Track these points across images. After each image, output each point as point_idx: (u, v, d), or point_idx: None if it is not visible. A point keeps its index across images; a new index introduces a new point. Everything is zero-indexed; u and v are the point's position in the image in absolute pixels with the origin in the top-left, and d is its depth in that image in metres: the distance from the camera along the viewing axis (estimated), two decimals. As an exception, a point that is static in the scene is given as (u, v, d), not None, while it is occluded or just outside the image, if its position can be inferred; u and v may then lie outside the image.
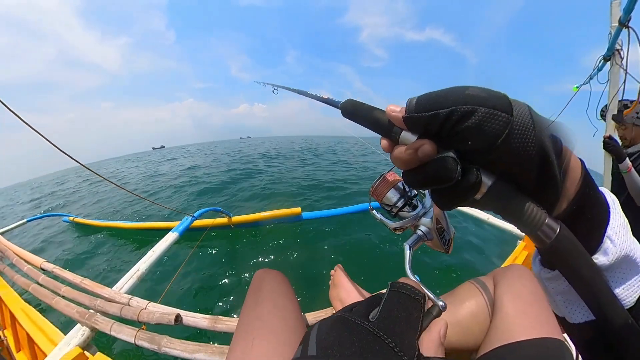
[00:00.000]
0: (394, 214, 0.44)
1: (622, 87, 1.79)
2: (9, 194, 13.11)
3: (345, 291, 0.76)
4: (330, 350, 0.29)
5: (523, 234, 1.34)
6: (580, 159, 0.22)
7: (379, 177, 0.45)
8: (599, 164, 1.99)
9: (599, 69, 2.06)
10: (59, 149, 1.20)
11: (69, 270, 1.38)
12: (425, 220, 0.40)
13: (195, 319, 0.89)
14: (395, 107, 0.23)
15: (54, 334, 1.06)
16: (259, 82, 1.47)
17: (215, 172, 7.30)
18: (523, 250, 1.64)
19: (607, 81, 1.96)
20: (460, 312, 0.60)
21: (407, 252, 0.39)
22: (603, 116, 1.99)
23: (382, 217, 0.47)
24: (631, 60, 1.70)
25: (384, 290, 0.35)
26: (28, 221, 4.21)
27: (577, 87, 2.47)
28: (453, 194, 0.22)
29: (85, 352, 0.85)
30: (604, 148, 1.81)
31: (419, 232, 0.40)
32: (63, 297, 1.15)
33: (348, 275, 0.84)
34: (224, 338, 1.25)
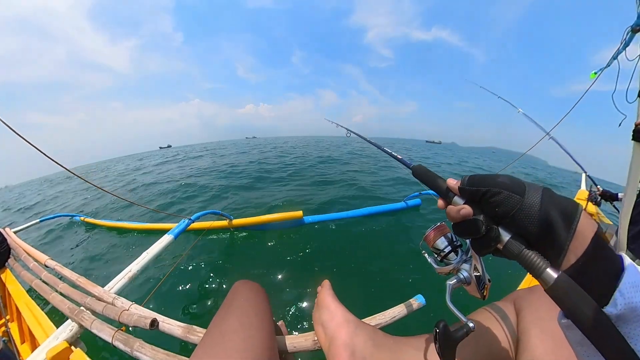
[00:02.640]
0: (440, 258, 0.50)
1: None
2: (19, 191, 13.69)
3: (329, 314, 0.64)
4: None
5: None
6: (598, 224, 0.32)
7: (433, 226, 0.53)
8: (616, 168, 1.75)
9: (626, 44, 1.71)
10: (45, 154, 1.25)
11: (68, 268, 1.48)
12: (466, 266, 0.46)
13: (170, 326, 0.89)
14: (453, 180, 0.39)
15: (50, 328, 1.15)
16: (330, 121, 1.51)
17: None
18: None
19: (639, 56, 1.70)
20: (474, 349, 0.48)
21: (449, 288, 0.45)
22: None
23: (431, 261, 0.52)
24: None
25: None
26: (41, 221, 4.43)
27: (595, 73, 2.12)
28: (482, 243, 0.34)
29: (72, 347, 0.93)
30: (634, 139, 1.52)
31: (460, 275, 0.46)
32: (60, 293, 1.24)
33: (334, 294, 0.72)
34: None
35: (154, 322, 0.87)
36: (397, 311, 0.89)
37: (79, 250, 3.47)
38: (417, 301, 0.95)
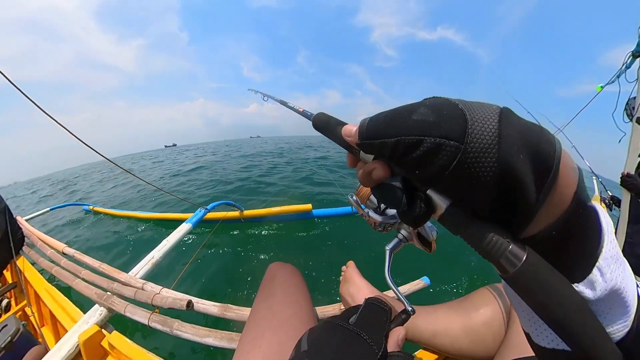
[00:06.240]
0: (379, 213, 0.44)
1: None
2: (29, 187, 13.82)
3: (356, 287, 0.74)
4: (319, 344, 0.36)
5: None
6: (579, 168, 0.18)
7: None
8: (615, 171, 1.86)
9: (627, 67, 1.94)
10: (87, 145, 1.27)
11: (88, 256, 1.45)
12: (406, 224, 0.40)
13: (205, 305, 0.95)
14: (350, 128, 0.23)
15: (75, 312, 1.12)
16: (252, 90, 1.50)
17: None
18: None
19: (637, 79, 1.86)
20: (473, 319, 0.59)
21: (388, 256, 0.42)
22: (629, 116, 1.90)
23: (370, 212, 0.44)
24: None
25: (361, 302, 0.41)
26: (51, 209, 4.41)
27: (601, 87, 2.36)
28: (407, 217, 0.21)
29: (103, 330, 0.90)
30: (621, 184, 1.81)
31: (399, 235, 0.41)
32: (83, 279, 1.21)
33: (359, 272, 0.81)
34: (232, 325, 1.29)
35: (190, 303, 0.90)
36: (406, 289, 1.12)
37: (89, 239, 3.47)
38: (422, 281, 1.14)
